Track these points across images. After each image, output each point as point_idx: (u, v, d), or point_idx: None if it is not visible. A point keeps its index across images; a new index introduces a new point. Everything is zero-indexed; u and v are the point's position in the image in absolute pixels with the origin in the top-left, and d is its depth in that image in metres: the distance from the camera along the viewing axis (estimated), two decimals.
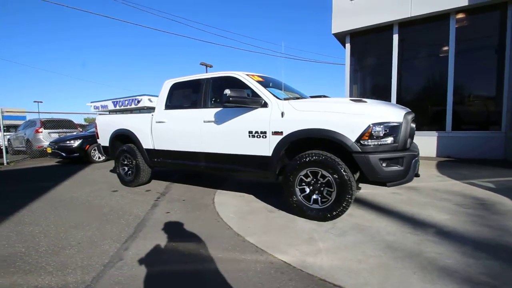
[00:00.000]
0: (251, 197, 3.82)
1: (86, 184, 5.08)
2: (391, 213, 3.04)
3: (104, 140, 4.97)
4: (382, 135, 2.56)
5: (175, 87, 4.10)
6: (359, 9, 7.46)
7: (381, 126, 2.56)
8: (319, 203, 2.83)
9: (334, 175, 2.67)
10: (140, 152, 4.40)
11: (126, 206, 3.61)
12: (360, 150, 2.57)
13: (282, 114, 2.95)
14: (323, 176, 2.77)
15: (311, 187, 2.88)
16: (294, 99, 3.28)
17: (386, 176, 2.58)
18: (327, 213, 2.76)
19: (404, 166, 2.60)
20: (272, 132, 3.01)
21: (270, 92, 3.21)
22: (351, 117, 2.64)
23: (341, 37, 8.15)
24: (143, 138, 4.31)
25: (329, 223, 2.77)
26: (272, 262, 2.07)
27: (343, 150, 2.70)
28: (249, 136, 3.19)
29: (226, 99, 3.00)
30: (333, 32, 7.93)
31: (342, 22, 7.76)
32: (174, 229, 2.77)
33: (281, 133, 2.96)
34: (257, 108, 3.15)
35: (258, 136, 3.12)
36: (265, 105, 3.12)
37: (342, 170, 2.63)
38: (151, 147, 4.24)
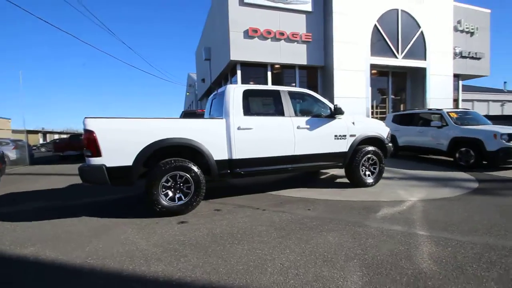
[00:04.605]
0: (309, 188, 4.76)
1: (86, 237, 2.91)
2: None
3: (119, 157, 3.21)
4: (389, 135, 5.10)
5: (248, 94, 4.02)
6: (248, 47, 9.65)
7: (389, 131, 5.09)
8: (372, 176, 4.80)
9: (379, 159, 4.79)
10: (203, 165, 3.63)
11: (273, 225, 3.25)
12: (387, 143, 4.93)
13: (353, 123, 4.59)
14: (372, 159, 4.78)
15: (365, 167, 4.77)
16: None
17: (390, 154, 5.13)
18: (376, 181, 4.82)
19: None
20: (350, 135, 4.54)
21: None
22: (383, 127, 4.95)
23: (234, 64, 9.85)
24: (214, 148, 3.64)
25: (379, 187, 4.82)
26: (423, 201, 3.85)
27: (378, 144, 4.89)
28: (334, 138, 4.42)
29: (338, 111, 4.15)
30: (230, 58, 9.46)
31: (236, 53, 9.54)
32: (364, 220, 3.48)
33: (354, 135, 4.58)
34: (336, 118, 4.47)
35: (340, 138, 4.47)
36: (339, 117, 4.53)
37: (382, 156, 4.83)
38: (226, 158, 3.73)
